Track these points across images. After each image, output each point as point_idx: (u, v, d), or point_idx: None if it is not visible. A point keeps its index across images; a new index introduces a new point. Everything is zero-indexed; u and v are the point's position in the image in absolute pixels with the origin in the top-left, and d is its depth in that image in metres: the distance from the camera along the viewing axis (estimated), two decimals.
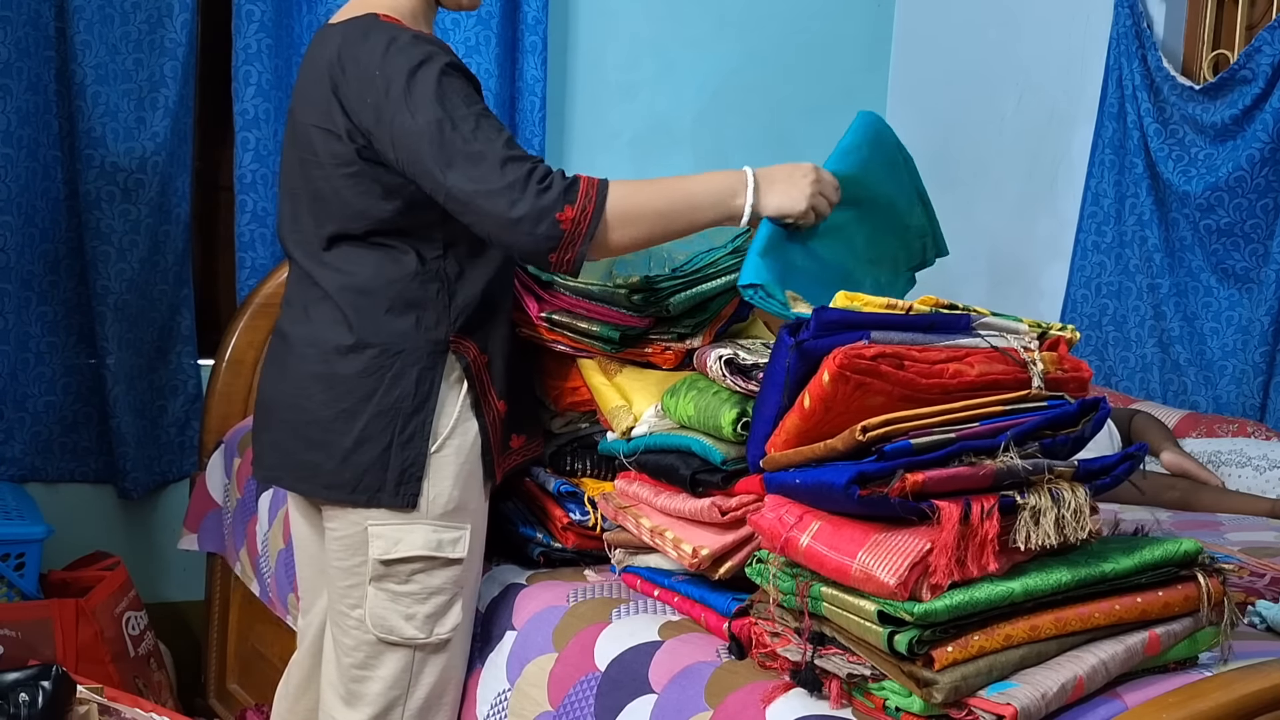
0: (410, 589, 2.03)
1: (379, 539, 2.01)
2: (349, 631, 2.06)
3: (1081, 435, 1.67)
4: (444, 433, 2.01)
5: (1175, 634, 1.65)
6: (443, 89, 1.89)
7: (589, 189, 1.88)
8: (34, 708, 1.99)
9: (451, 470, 2.02)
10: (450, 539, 2.03)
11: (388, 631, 2.03)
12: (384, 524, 2.01)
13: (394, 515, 2.00)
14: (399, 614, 2.03)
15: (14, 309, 3.03)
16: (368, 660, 2.05)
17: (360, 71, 1.92)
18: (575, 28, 3.68)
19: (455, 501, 2.03)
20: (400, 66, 1.89)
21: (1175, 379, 3.30)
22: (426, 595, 2.03)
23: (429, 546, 2.02)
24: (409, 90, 1.88)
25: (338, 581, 2.07)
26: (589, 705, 1.91)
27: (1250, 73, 3.07)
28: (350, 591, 2.05)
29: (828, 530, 1.60)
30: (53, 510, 3.04)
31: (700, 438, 1.97)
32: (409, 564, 2.02)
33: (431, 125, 1.87)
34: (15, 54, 2.94)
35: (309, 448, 2.02)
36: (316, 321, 2.02)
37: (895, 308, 1.76)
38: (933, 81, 3.99)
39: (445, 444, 2.01)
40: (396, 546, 2.01)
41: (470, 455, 2.04)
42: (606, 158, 3.73)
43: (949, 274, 3.94)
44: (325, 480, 2.01)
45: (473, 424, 2.04)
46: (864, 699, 1.60)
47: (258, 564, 2.81)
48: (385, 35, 1.93)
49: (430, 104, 1.88)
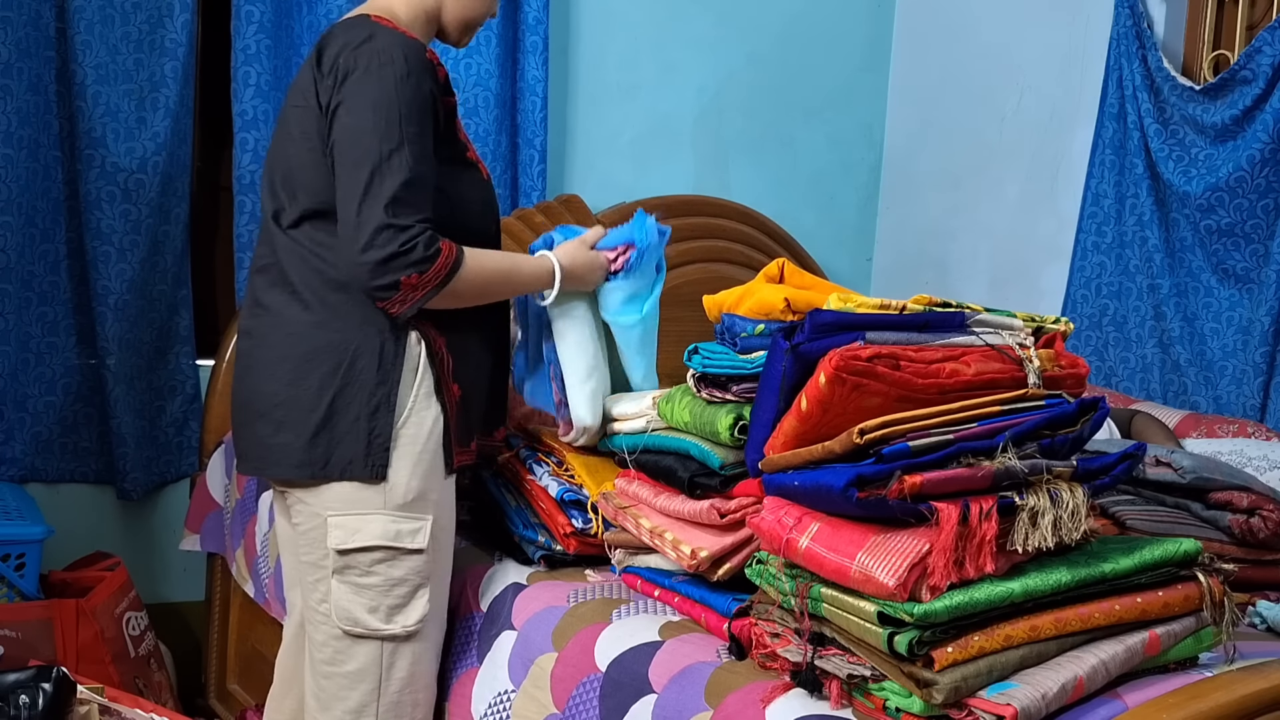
0: (372, 580, 2.05)
1: (337, 529, 2.04)
2: (319, 626, 2.10)
3: (1080, 435, 1.67)
4: (406, 408, 2.04)
5: (1175, 634, 1.65)
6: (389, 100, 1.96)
7: (442, 268, 1.97)
8: (34, 709, 1.99)
9: (410, 459, 2.05)
10: (409, 529, 2.05)
11: (352, 623, 2.06)
12: (342, 514, 2.04)
13: (353, 503, 2.03)
14: (362, 606, 2.06)
15: (14, 309, 3.03)
16: (336, 655, 2.08)
17: (333, 55, 2.01)
18: (576, 28, 3.67)
19: (414, 492, 2.05)
20: (362, 61, 1.98)
21: (1175, 379, 3.29)
22: (389, 587, 2.06)
23: (387, 536, 2.04)
24: (361, 87, 1.97)
25: (307, 576, 2.11)
26: (594, 707, 1.91)
27: (1250, 73, 3.07)
28: (317, 586, 2.09)
29: (827, 532, 1.60)
30: (53, 510, 3.04)
31: (698, 441, 1.97)
32: (368, 554, 2.05)
33: (365, 129, 1.96)
34: (15, 54, 2.94)
35: (278, 430, 2.06)
36: (276, 307, 2.08)
37: (889, 307, 1.76)
38: (933, 81, 3.99)
39: (407, 421, 2.04)
40: (354, 536, 2.04)
41: (429, 444, 2.06)
42: (607, 158, 3.73)
43: (949, 274, 3.95)
44: (296, 459, 2.05)
45: (433, 407, 2.07)
46: (864, 699, 1.60)
47: (254, 564, 2.80)
48: (365, 30, 2.02)
49: (372, 110, 1.96)
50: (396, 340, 2.04)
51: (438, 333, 2.08)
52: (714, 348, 1.96)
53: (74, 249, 3.10)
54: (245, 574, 2.86)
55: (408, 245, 1.93)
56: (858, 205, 4.11)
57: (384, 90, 1.96)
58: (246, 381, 2.12)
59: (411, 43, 2.02)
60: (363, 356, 2.03)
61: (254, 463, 2.14)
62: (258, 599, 2.81)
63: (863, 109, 4.08)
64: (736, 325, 1.91)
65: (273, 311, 2.08)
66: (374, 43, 1.99)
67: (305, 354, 2.04)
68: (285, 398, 2.05)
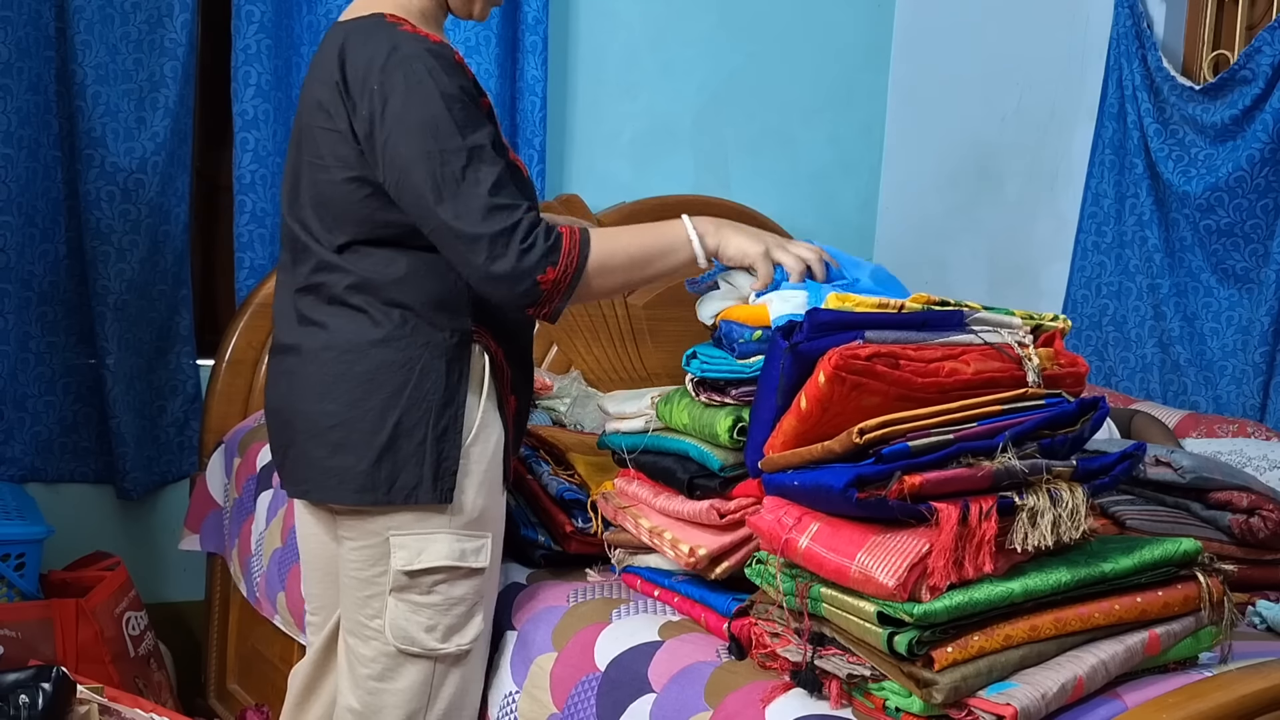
0: (432, 600, 1.98)
1: (402, 549, 1.96)
2: (368, 642, 2.01)
3: (1080, 435, 1.67)
4: (473, 428, 1.97)
5: (1175, 634, 1.65)
6: (438, 116, 1.86)
7: (571, 250, 1.88)
8: (34, 709, 1.99)
9: (477, 479, 1.98)
10: (473, 548, 1.99)
11: (409, 643, 1.99)
12: (407, 533, 1.96)
13: (417, 524, 1.96)
14: (420, 625, 1.98)
15: (14, 309, 3.03)
16: (385, 672, 2.00)
17: (359, 76, 1.90)
18: (576, 28, 3.67)
19: (479, 509, 1.99)
20: (397, 84, 1.87)
21: (1175, 379, 3.29)
22: (448, 606, 1.99)
23: (453, 556, 1.97)
24: (404, 113, 1.86)
25: (355, 592, 2.02)
26: (591, 706, 1.91)
27: (1250, 73, 3.07)
28: (369, 602, 2.01)
29: (826, 532, 1.60)
30: (53, 510, 3.04)
31: (697, 443, 1.97)
32: (432, 575, 1.97)
33: (421, 157, 1.85)
34: (15, 54, 2.94)
35: (335, 453, 1.95)
36: (331, 325, 1.97)
37: (888, 306, 1.76)
38: (933, 81, 3.99)
39: (474, 441, 1.97)
40: (420, 557, 1.96)
41: (493, 460, 2.00)
42: (606, 158, 3.73)
43: (949, 274, 3.95)
44: (357, 484, 1.94)
45: (497, 424, 2.00)
46: (864, 699, 1.60)
47: (248, 564, 2.80)
48: (388, 41, 1.90)
49: (423, 134, 1.86)
50: (461, 357, 1.96)
51: (497, 344, 2.01)
52: (712, 352, 1.95)
53: (73, 249, 3.10)
54: (239, 573, 2.86)
55: (528, 240, 1.84)
56: (858, 205, 4.11)
57: (429, 109, 1.86)
58: (292, 400, 2.01)
59: (436, 47, 1.91)
60: (429, 376, 1.93)
61: (305, 485, 2.03)
62: (249, 598, 2.81)
63: (863, 109, 4.08)
64: (734, 332, 1.91)
65: (329, 329, 1.97)
66: (400, 55, 1.88)
67: (366, 373, 1.94)
68: (344, 418, 1.94)
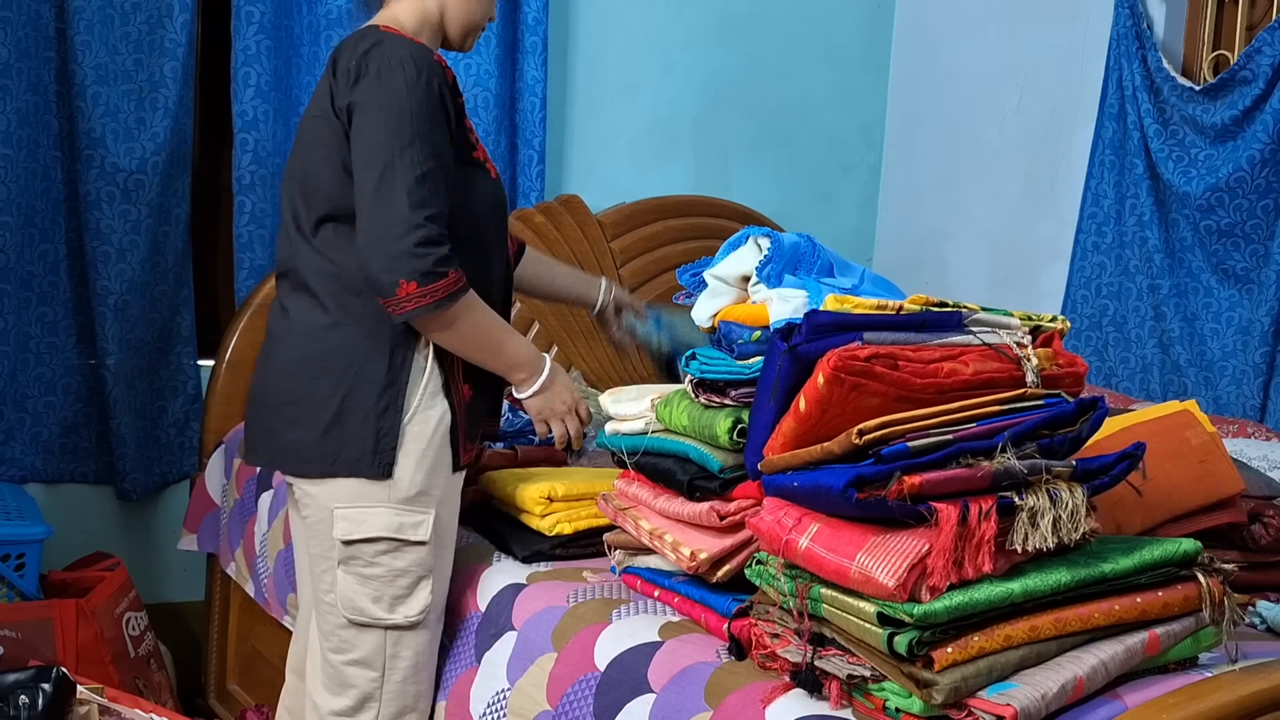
0: (376, 571, 2.13)
1: (343, 520, 2.12)
2: (325, 616, 2.18)
3: (1079, 435, 1.67)
4: (412, 406, 2.11)
5: (1175, 634, 1.65)
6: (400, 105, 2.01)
7: (447, 289, 2.01)
8: (34, 709, 1.99)
9: (414, 456, 2.11)
10: (412, 522, 2.12)
11: (357, 612, 2.14)
12: (349, 506, 2.11)
13: (358, 498, 2.10)
14: (367, 596, 2.13)
15: (14, 309, 3.03)
16: (343, 644, 2.16)
17: (345, 61, 2.08)
18: (575, 28, 3.68)
19: (418, 486, 2.12)
20: (376, 65, 2.04)
21: (1175, 379, 3.29)
22: (393, 577, 2.13)
23: (390, 528, 2.12)
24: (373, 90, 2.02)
25: (315, 567, 2.19)
26: (587, 704, 1.91)
27: (1250, 73, 3.07)
28: (324, 576, 2.17)
29: (826, 532, 1.60)
30: (53, 511, 3.04)
31: (697, 445, 1.97)
32: (372, 545, 2.12)
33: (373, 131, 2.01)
34: (15, 54, 2.94)
35: (292, 426, 2.14)
36: (295, 311, 2.15)
37: (886, 308, 1.76)
38: (933, 81, 3.99)
39: (413, 419, 2.11)
40: (359, 528, 2.11)
41: (435, 439, 2.13)
42: (606, 158, 3.73)
43: (949, 274, 3.95)
44: (307, 454, 2.12)
45: (440, 405, 2.13)
46: (864, 700, 1.60)
47: (254, 564, 2.81)
48: (377, 35, 2.09)
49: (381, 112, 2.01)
50: (406, 344, 2.11)
51: None
52: (711, 353, 1.96)
53: (74, 249, 3.11)
54: (245, 574, 2.86)
55: (421, 249, 1.98)
56: (858, 205, 4.11)
57: (395, 91, 2.02)
58: (262, 379, 2.21)
59: (418, 47, 2.08)
60: (373, 359, 2.10)
61: (264, 455, 2.23)
62: (257, 599, 2.81)
63: (862, 109, 4.09)
64: (733, 333, 1.92)
65: (292, 314, 2.16)
66: (383, 48, 2.06)
67: (320, 355, 2.12)
68: (300, 396, 2.13)
